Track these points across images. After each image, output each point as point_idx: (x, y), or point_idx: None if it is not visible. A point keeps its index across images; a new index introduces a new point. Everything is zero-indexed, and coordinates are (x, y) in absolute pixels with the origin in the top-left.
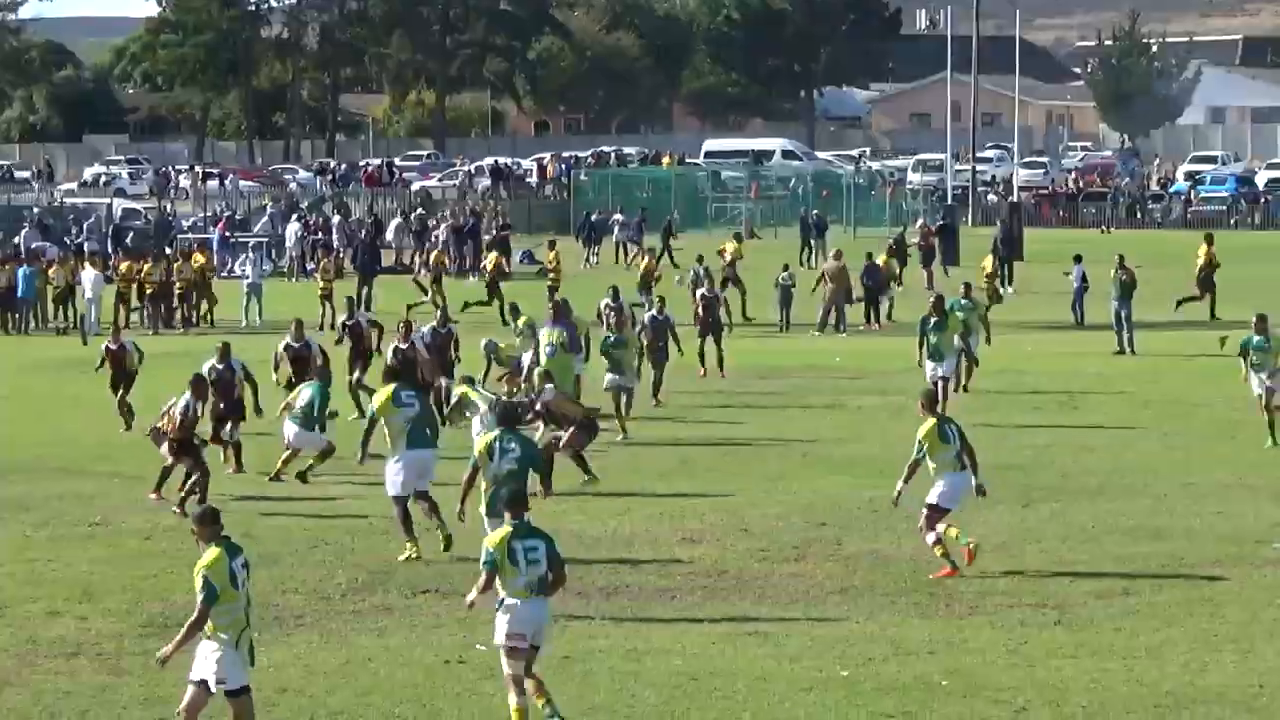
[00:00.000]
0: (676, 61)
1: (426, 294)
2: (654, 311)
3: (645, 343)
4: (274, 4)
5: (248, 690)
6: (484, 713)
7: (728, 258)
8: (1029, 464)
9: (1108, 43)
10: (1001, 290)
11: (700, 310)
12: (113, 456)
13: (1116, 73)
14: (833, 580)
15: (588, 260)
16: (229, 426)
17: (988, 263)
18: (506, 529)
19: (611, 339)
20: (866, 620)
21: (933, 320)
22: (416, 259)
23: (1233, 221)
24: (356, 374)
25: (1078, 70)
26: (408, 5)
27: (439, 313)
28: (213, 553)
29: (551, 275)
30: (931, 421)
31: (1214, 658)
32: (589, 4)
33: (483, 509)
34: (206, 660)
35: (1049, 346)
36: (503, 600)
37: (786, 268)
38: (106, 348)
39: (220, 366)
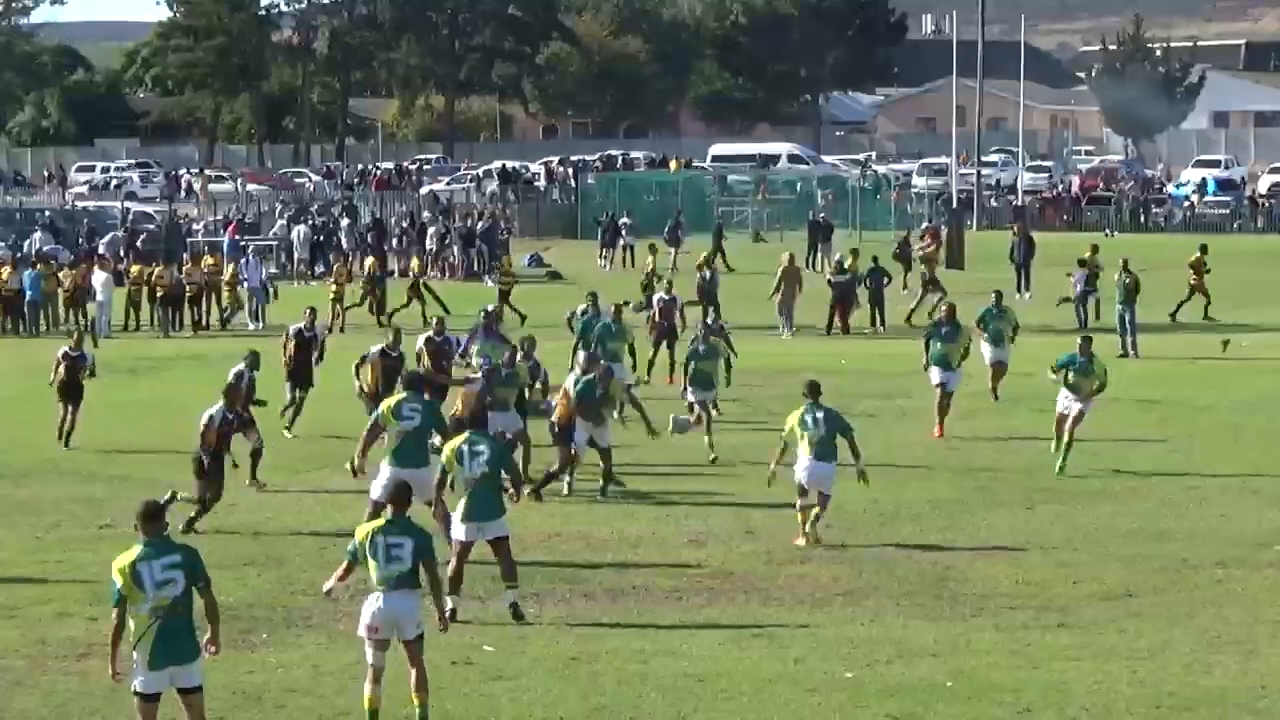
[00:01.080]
0: (683, 66)
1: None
2: (662, 293)
3: (652, 323)
4: (284, 8)
5: (193, 690)
6: (491, 712)
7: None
8: (1032, 467)
9: (1112, 47)
10: (1019, 296)
11: (656, 315)
12: (121, 460)
13: (1120, 77)
14: (838, 582)
15: (606, 262)
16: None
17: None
18: (379, 522)
19: (613, 328)
20: (871, 622)
21: (944, 329)
22: (414, 263)
23: (1235, 225)
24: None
25: (1081, 75)
26: (417, 10)
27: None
28: (126, 554)
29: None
30: (798, 411)
31: (1217, 659)
32: (596, 9)
33: (458, 515)
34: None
35: (1051, 351)
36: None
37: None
38: (65, 353)
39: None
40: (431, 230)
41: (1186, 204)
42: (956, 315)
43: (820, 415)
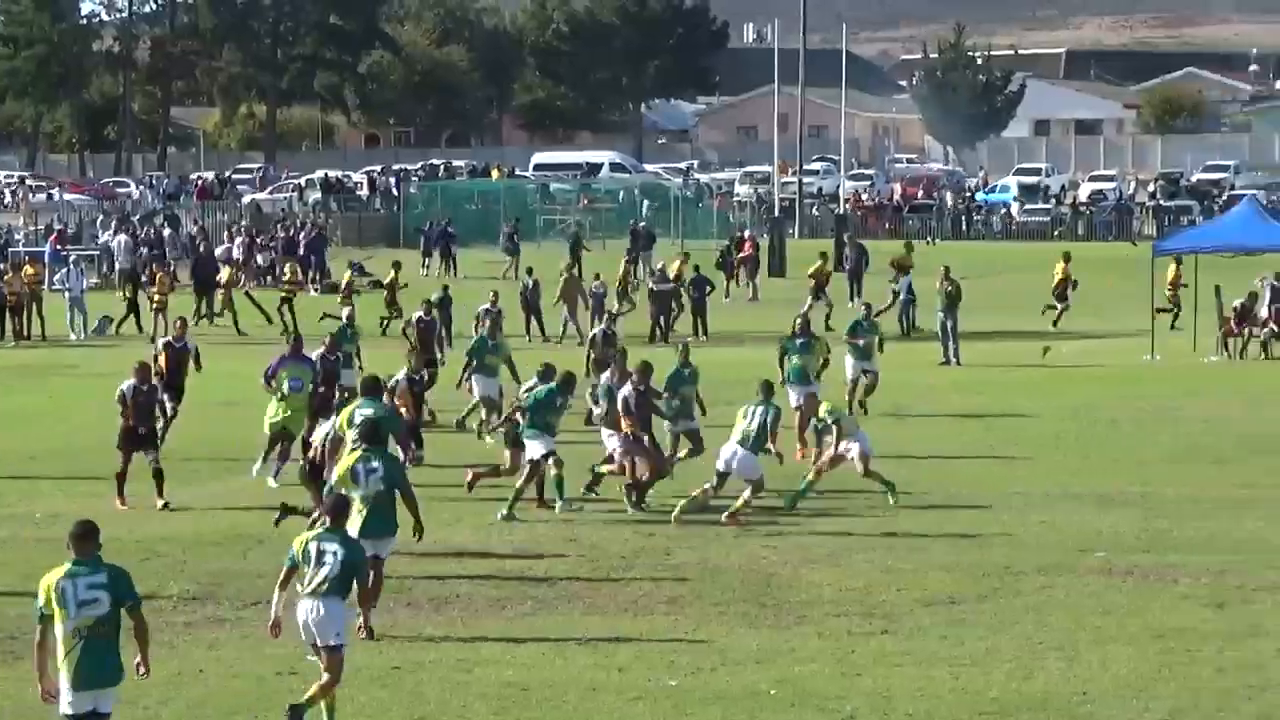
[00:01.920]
0: (506, 75)
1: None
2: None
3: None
4: (105, 18)
5: (104, 717)
6: None
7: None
8: (852, 475)
9: (933, 55)
10: (850, 304)
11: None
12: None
13: (942, 86)
14: (661, 590)
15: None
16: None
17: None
18: (316, 530)
19: (490, 343)
20: (694, 630)
21: (799, 341)
22: (243, 274)
23: (1056, 233)
24: None
25: (903, 83)
26: (238, 18)
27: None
28: (53, 571)
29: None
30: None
31: (1039, 665)
32: (418, 18)
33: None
34: None
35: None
36: None
37: (598, 276)
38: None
39: (144, 388)
40: (239, 240)
41: (1004, 211)
42: (811, 327)
43: (757, 410)
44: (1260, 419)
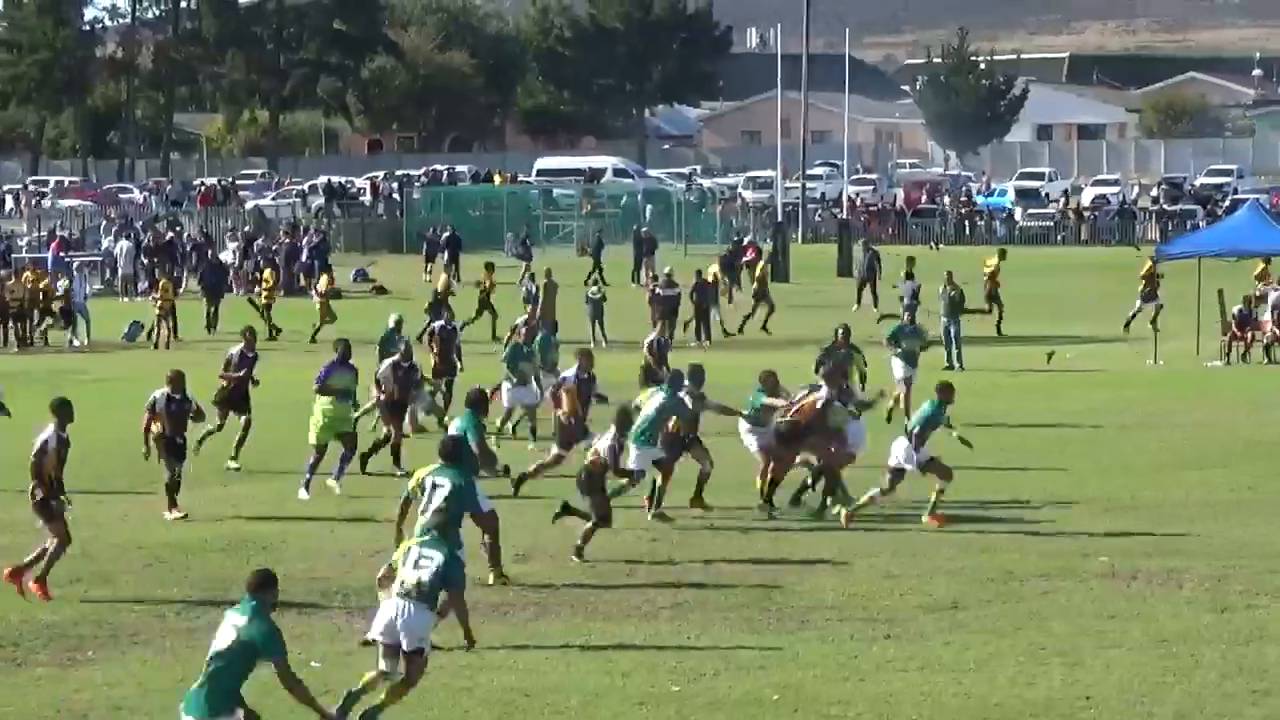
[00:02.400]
0: (509, 80)
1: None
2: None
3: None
4: (108, 24)
5: None
6: None
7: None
8: (859, 478)
9: (936, 60)
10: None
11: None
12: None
13: (945, 90)
14: (664, 596)
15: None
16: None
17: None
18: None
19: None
20: (698, 636)
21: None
22: (235, 282)
23: (1060, 237)
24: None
25: (906, 88)
26: (242, 25)
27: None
28: None
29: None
30: None
31: (1042, 670)
32: (422, 23)
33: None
34: None
35: (878, 361)
36: None
37: (596, 282)
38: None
39: (177, 397)
40: (233, 245)
41: (1004, 214)
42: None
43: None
44: (1264, 422)
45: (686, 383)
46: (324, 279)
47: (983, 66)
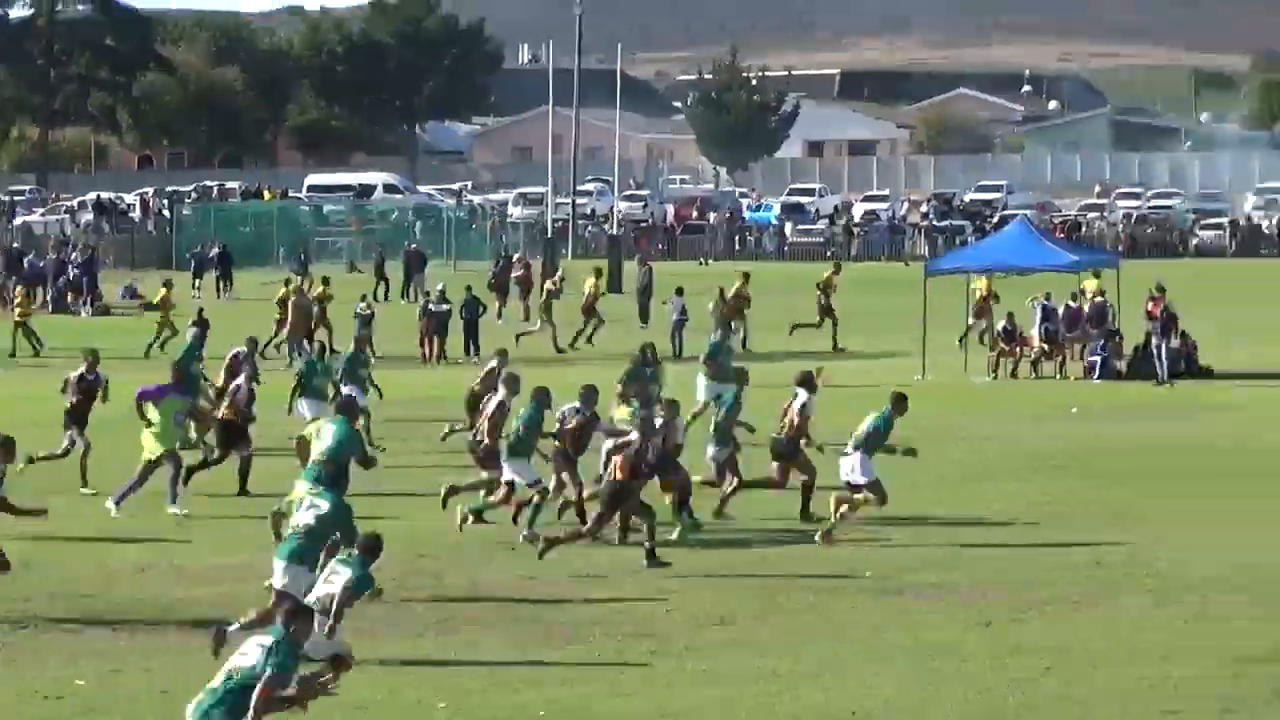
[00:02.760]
0: (281, 95)
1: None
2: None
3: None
4: None
5: None
6: None
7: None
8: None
9: (708, 76)
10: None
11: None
12: None
13: (716, 106)
14: (431, 612)
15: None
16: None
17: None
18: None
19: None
20: (466, 652)
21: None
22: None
23: (830, 253)
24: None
25: (678, 104)
26: (10, 38)
27: None
28: None
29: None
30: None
31: (808, 683)
32: (193, 38)
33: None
34: None
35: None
36: None
37: (364, 298)
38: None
39: (90, 377)
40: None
41: (771, 229)
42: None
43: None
44: (1045, 435)
45: (578, 404)
46: (162, 290)
47: (754, 83)
